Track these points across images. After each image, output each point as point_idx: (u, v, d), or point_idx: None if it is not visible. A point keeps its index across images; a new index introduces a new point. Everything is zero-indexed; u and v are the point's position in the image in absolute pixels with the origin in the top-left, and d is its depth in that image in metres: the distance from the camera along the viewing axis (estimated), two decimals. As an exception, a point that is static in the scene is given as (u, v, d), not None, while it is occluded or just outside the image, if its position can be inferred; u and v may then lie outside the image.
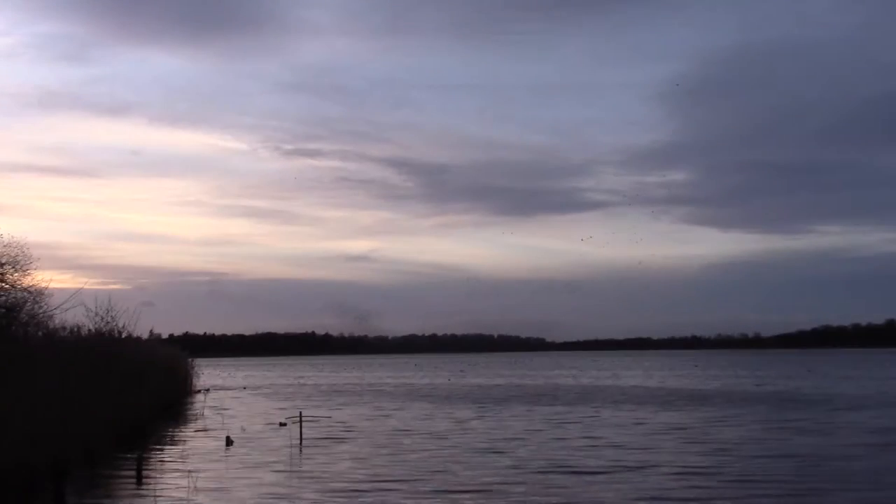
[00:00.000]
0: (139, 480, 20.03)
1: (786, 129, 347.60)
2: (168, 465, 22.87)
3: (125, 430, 27.64)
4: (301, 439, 28.23)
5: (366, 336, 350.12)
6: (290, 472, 21.47)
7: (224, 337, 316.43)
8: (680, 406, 42.30)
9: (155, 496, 18.07)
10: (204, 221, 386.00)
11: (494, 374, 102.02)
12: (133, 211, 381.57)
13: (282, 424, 33.92)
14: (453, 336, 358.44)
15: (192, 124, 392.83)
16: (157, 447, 27.29)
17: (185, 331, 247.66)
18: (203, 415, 40.99)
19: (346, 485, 19.03)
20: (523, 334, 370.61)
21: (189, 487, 18.86)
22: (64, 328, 30.86)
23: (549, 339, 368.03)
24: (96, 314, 33.62)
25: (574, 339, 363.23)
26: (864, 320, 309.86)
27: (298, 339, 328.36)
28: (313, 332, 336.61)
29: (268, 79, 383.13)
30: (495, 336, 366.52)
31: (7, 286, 28.80)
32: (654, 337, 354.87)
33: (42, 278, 29.59)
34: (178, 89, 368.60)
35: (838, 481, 18.87)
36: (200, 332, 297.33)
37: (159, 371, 40.76)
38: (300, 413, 31.55)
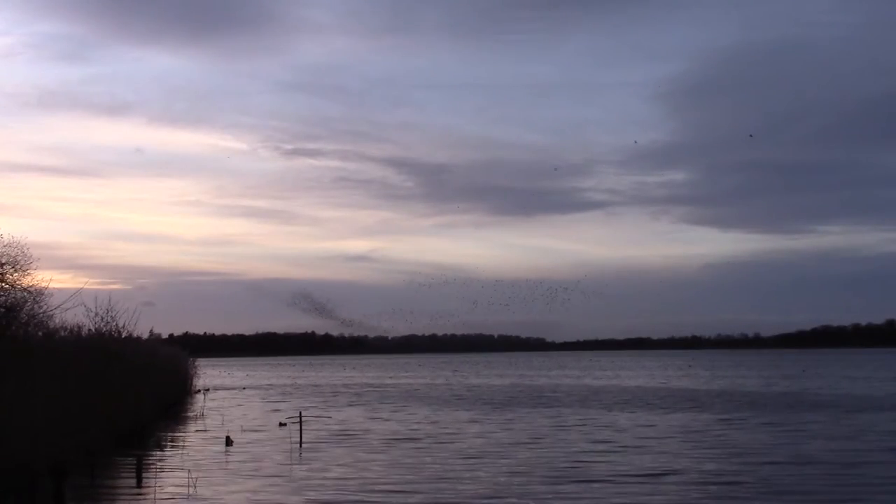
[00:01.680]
0: (139, 481, 19.97)
1: (786, 128, 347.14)
2: (168, 466, 22.82)
3: (125, 430, 27.57)
4: (301, 440, 28.16)
5: (366, 336, 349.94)
6: (289, 476, 21.34)
7: (224, 337, 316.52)
8: (686, 408, 42.00)
9: (154, 497, 18.02)
10: (204, 221, 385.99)
11: (495, 374, 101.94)
12: (133, 211, 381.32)
13: (282, 425, 33.93)
14: (453, 336, 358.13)
15: (191, 124, 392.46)
16: (157, 448, 27.23)
17: (185, 330, 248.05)
18: (203, 415, 40.94)
19: (344, 494, 18.49)
20: (523, 334, 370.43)
21: (189, 489, 18.80)
22: (64, 328, 30.90)
23: (549, 339, 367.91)
24: (96, 314, 33.63)
25: (574, 339, 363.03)
26: (864, 320, 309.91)
27: (298, 339, 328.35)
28: (313, 332, 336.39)
29: (267, 78, 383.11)
30: (495, 336, 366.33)
31: (7, 286, 28.73)
32: (654, 337, 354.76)
33: (42, 278, 29.55)
34: (178, 89, 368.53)
35: (871, 490, 17.94)
36: (200, 331, 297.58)
37: (159, 371, 40.67)
38: (300, 413, 31.50)
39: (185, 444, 28.58)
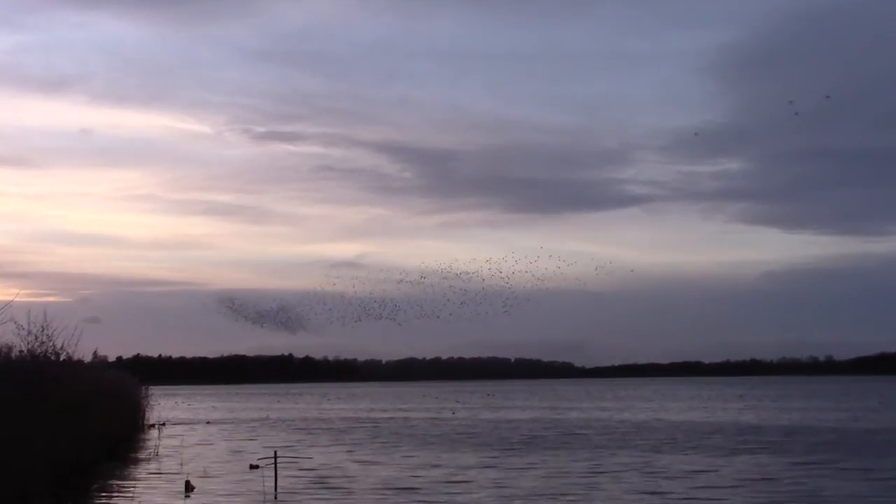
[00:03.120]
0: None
1: (862, 108, 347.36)
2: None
3: (63, 472, 27.56)
4: (276, 487, 28.09)
5: (355, 360, 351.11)
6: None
7: (183, 360, 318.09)
8: (753, 449, 41.68)
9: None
10: (159, 220, 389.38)
11: (512, 406, 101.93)
12: (74, 207, 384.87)
13: (253, 467, 34.08)
14: (460, 360, 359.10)
15: (143, 102, 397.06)
16: (102, 494, 27.22)
17: (136, 352, 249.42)
18: (157, 455, 41.08)
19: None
20: (546, 358, 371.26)
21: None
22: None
23: (577, 363, 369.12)
24: (28, 332, 33.56)
25: (607, 364, 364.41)
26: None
27: (273, 364, 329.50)
28: (290, 355, 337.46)
29: (235, 47, 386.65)
30: (512, 360, 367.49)
31: (-81, 297, 28.51)
32: (706, 361, 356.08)
33: (-38, 288, 29.31)
34: (128, 60, 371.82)
35: None
36: (154, 354, 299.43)
37: (105, 401, 40.68)
38: (275, 454, 31.31)
39: (136, 489, 28.55)
